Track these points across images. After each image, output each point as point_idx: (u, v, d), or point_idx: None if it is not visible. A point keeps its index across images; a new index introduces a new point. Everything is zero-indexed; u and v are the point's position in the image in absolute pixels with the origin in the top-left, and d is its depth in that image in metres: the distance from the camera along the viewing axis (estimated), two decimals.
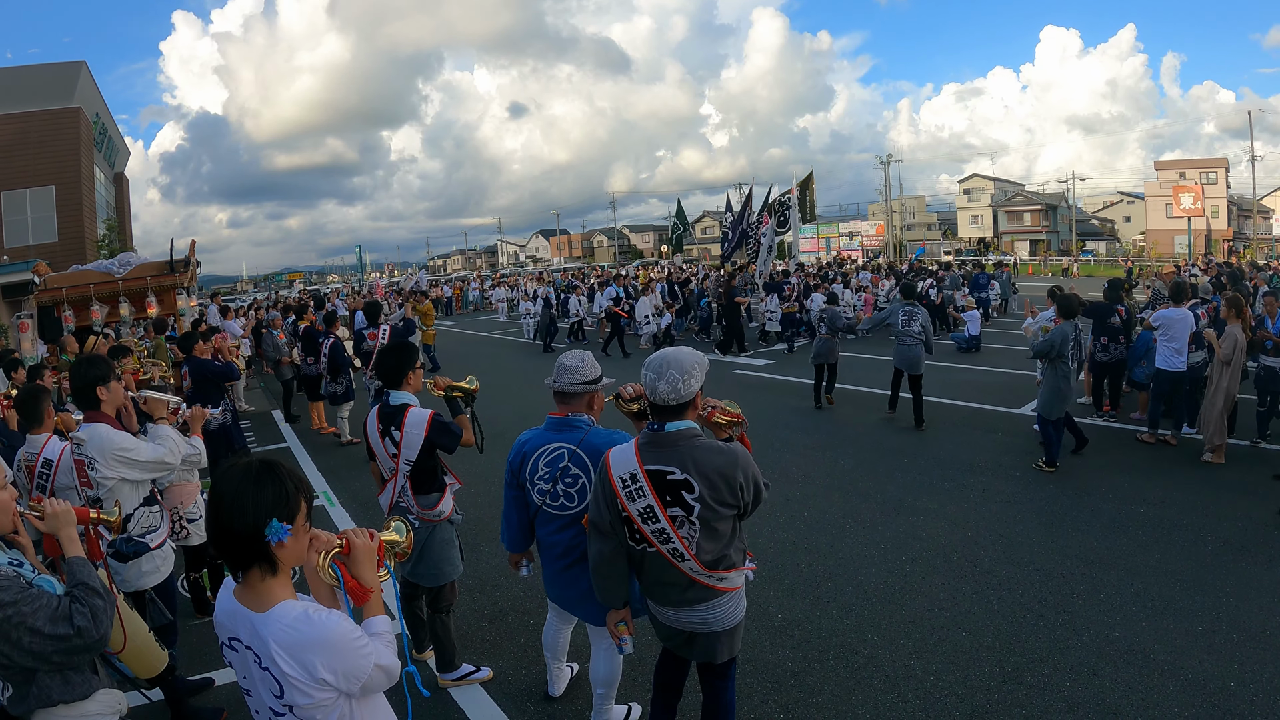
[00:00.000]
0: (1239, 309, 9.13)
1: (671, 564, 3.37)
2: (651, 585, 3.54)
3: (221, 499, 2.14)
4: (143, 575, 4.70)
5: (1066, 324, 9.22)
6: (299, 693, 2.13)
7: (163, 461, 4.76)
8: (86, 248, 29.52)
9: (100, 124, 36.03)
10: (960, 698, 4.73)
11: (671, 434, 3.34)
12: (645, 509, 3.33)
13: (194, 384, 9.10)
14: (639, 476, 3.32)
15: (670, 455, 3.31)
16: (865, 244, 72.82)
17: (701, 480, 3.26)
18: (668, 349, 3.39)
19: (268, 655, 2.14)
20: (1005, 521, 7.50)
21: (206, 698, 5.07)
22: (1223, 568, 6.33)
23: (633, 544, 3.47)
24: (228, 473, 2.18)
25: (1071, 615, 5.67)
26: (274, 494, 2.16)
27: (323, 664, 2.12)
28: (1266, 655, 5.04)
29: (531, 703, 4.89)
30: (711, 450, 3.32)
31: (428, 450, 4.81)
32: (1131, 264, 45.71)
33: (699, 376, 3.33)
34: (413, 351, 5.08)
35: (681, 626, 3.54)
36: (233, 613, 2.24)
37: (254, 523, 2.12)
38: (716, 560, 3.38)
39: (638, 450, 3.38)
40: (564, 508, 4.11)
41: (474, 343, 27.81)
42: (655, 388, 3.28)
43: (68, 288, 11.25)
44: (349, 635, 2.20)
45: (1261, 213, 63.16)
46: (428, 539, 4.91)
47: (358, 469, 10.24)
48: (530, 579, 6.59)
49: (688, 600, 3.44)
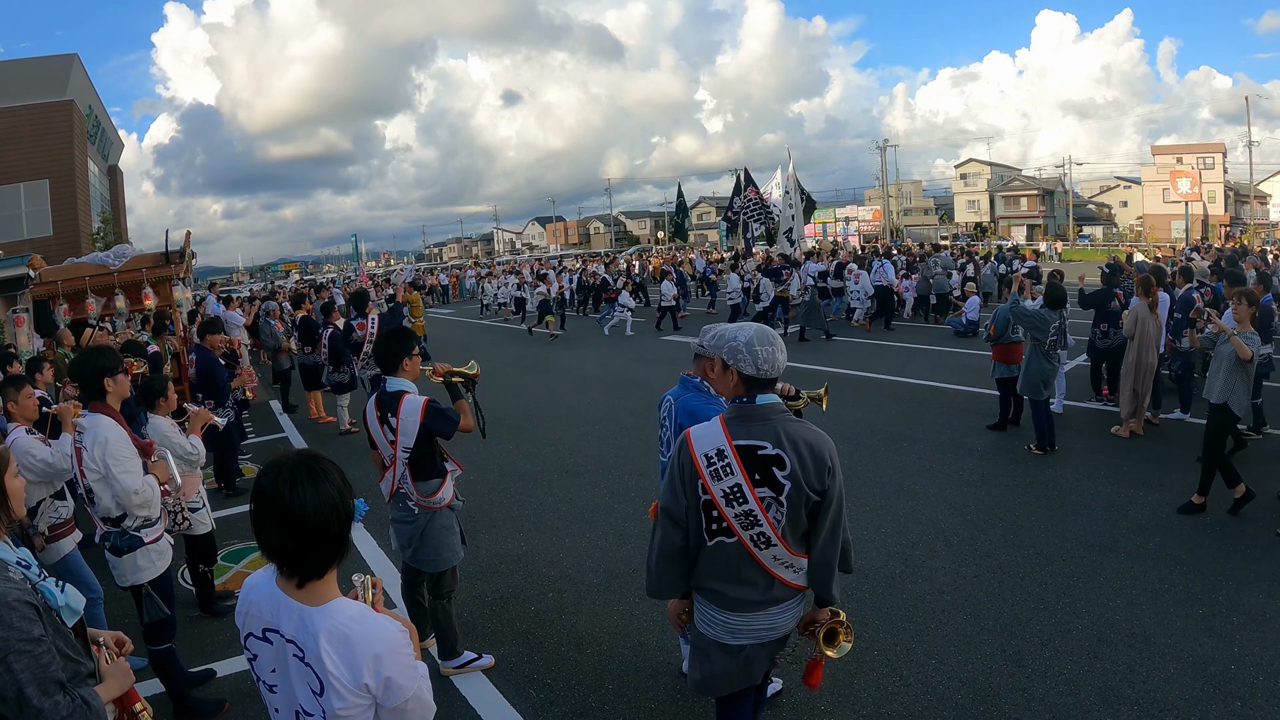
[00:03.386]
0: (1147, 288, 9.33)
1: (751, 555, 3.13)
2: (728, 584, 3.20)
3: (306, 510, 2.02)
4: (138, 570, 4.67)
5: (1050, 312, 9.27)
6: (336, 695, 2.05)
7: (129, 493, 4.61)
8: (81, 241, 29.44)
9: (93, 117, 35.96)
10: (962, 681, 4.74)
11: (764, 406, 3.14)
12: (732, 488, 3.08)
13: (198, 374, 9.07)
14: (727, 452, 3.09)
15: (764, 429, 3.10)
16: (861, 229, 72.79)
17: (794, 456, 3.04)
18: (747, 324, 3.23)
19: (314, 651, 2.05)
20: (1005, 505, 7.51)
21: (208, 689, 5.07)
22: (1222, 551, 6.34)
23: (707, 539, 3.19)
24: (286, 483, 2.03)
25: (1072, 598, 5.68)
26: (338, 482, 2.10)
27: (369, 667, 2.05)
28: (1266, 638, 5.05)
29: (534, 689, 4.89)
30: (804, 426, 3.15)
31: (425, 437, 4.80)
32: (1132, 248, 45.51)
33: None
34: (410, 337, 5.05)
35: (743, 640, 3.23)
36: (275, 604, 2.14)
37: (347, 510, 2.08)
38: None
39: (725, 425, 3.15)
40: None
41: (471, 330, 27.77)
42: (776, 359, 3.11)
43: (63, 281, 11.18)
44: (405, 647, 2.14)
45: (1259, 198, 63.08)
46: (428, 524, 4.91)
47: (355, 458, 10.22)
48: (532, 565, 6.64)
49: (764, 601, 3.19)
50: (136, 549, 4.66)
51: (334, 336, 12.01)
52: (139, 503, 4.63)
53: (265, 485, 2.05)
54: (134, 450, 4.68)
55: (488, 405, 5.29)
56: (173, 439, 5.71)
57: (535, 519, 7.78)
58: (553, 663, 5.19)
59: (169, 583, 4.86)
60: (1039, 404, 9.15)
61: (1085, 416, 10.69)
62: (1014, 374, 9.83)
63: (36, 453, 5.13)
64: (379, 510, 7.90)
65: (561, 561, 6.71)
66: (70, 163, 31.87)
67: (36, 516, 5.06)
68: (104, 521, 4.66)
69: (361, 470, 9.53)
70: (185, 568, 6.36)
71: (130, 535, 4.64)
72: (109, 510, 4.61)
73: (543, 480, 9.00)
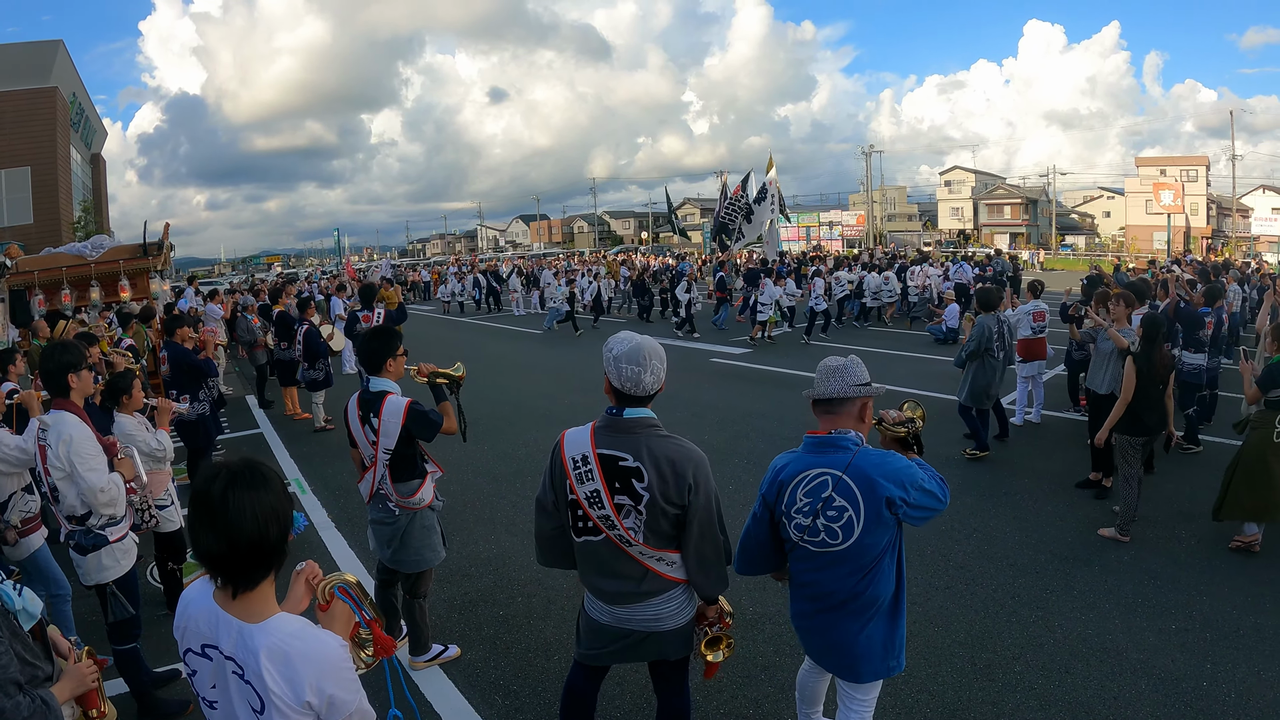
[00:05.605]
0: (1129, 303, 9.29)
1: (622, 550, 3.28)
2: (602, 579, 3.40)
3: (235, 513, 1.96)
4: (103, 569, 4.61)
5: (987, 317, 9.36)
6: (278, 713, 2.01)
7: (94, 491, 4.55)
8: (62, 229, 29.30)
9: (77, 104, 35.75)
10: (931, 694, 4.72)
11: (631, 420, 3.26)
12: (593, 493, 3.25)
13: (172, 370, 8.97)
14: (590, 459, 3.25)
15: (626, 441, 3.23)
16: (845, 234, 72.97)
17: (654, 471, 3.17)
18: (636, 336, 3.29)
19: (254, 668, 2.01)
20: (980, 515, 7.51)
21: (172, 690, 5.00)
22: (1197, 565, 6.35)
23: (576, 535, 3.40)
24: (227, 489, 1.99)
25: (1045, 611, 5.68)
26: (281, 488, 2.08)
27: (311, 684, 2.01)
28: (1240, 654, 5.05)
29: (499, 695, 4.85)
30: (670, 443, 3.25)
31: (406, 439, 4.76)
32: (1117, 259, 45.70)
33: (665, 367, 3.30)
34: (394, 337, 5.03)
35: (632, 626, 3.41)
36: (214, 619, 2.09)
37: (280, 526, 2.03)
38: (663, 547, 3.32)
39: (593, 433, 3.29)
40: (825, 544, 3.33)
41: (454, 328, 27.65)
42: (640, 379, 3.19)
43: (39, 271, 11.07)
44: (344, 661, 2.12)
45: (1241, 211, 63.47)
46: (408, 525, 4.88)
47: (331, 456, 10.17)
48: (502, 568, 6.59)
49: (642, 594, 3.34)
50: (101, 547, 4.60)
51: (309, 333, 11.93)
52: (105, 501, 4.56)
53: (204, 490, 2.01)
54: (99, 448, 4.61)
55: (465, 405, 5.24)
56: (137, 437, 5.63)
57: (507, 521, 7.71)
58: (520, 668, 5.15)
59: (134, 582, 4.80)
60: (968, 411, 9.43)
61: (1064, 427, 10.70)
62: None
63: (9, 441, 5.04)
64: (352, 511, 7.87)
65: (532, 565, 6.61)
66: (53, 150, 31.69)
67: (8, 510, 4.98)
68: (68, 520, 4.59)
69: (335, 468, 9.51)
70: (154, 565, 6.29)
71: (95, 534, 4.58)
72: (74, 508, 4.55)
73: (516, 482, 8.93)
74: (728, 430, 10.97)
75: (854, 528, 3.25)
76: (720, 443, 10.22)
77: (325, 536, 7.48)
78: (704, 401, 12.96)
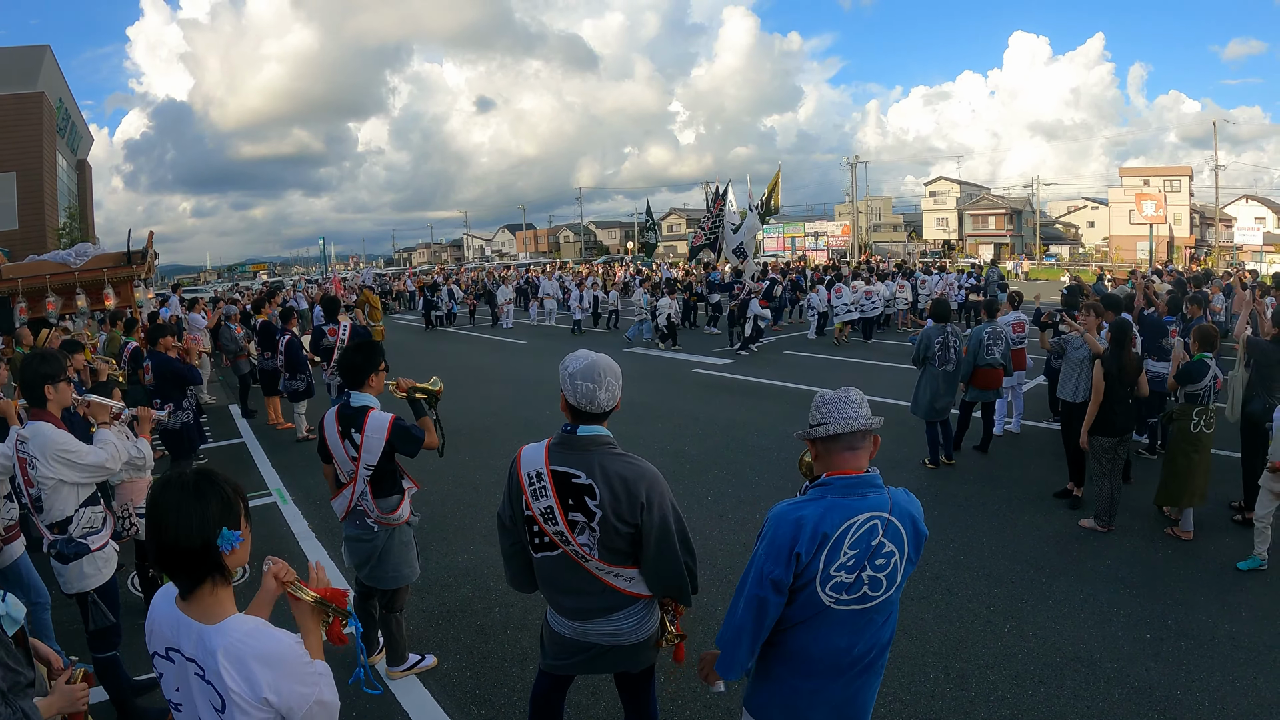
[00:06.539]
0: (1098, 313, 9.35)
1: (579, 565, 3.31)
2: (562, 594, 3.43)
3: (166, 517, 2.10)
4: (84, 577, 4.60)
5: (933, 328, 9.47)
6: (239, 710, 2.10)
7: (103, 466, 4.66)
8: (47, 235, 29.22)
9: (64, 109, 35.62)
10: (904, 704, 4.75)
11: (585, 438, 3.30)
12: (547, 509, 3.29)
13: (156, 380, 8.94)
14: (544, 475, 3.29)
15: (579, 458, 3.27)
16: (830, 244, 73.22)
17: (606, 489, 3.21)
18: (593, 354, 3.32)
19: (213, 668, 2.09)
20: (956, 525, 7.55)
21: (153, 698, 4.98)
22: (1172, 574, 6.41)
23: (534, 551, 3.44)
24: (166, 491, 2.14)
25: (1019, 621, 5.72)
26: (219, 503, 2.15)
27: (268, 682, 2.09)
28: (1214, 663, 5.11)
29: (475, 705, 4.87)
30: (624, 461, 3.28)
31: (388, 455, 4.78)
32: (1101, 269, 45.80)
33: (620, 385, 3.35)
34: (376, 351, 5.02)
35: (594, 639, 3.43)
36: (175, 623, 2.19)
37: (204, 537, 2.10)
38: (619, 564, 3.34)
39: (547, 450, 3.33)
40: (864, 599, 2.84)
41: (436, 338, 27.61)
42: (595, 396, 3.23)
43: (23, 278, 11.02)
44: (300, 657, 2.19)
45: (1224, 220, 63.90)
46: (387, 542, 4.89)
47: (313, 465, 10.09)
48: (480, 579, 6.60)
49: (602, 609, 3.37)
50: (83, 556, 4.59)
51: (291, 343, 11.93)
52: (118, 459, 4.76)
53: (156, 498, 2.14)
54: (73, 438, 4.63)
55: (446, 416, 5.27)
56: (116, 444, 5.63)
57: (486, 532, 7.69)
58: (496, 679, 5.16)
59: (114, 590, 4.80)
60: (927, 424, 9.54)
61: (1043, 436, 10.77)
62: (988, 398, 10.03)
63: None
64: (333, 521, 7.83)
65: None
66: (39, 156, 31.57)
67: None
68: (50, 528, 4.58)
69: (316, 478, 9.43)
70: (135, 574, 6.28)
71: (77, 542, 4.57)
72: (63, 512, 4.56)
73: (496, 492, 8.80)
74: (708, 441, 10.99)
75: (897, 575, 2.87)
76: (700, 453, 10.27)
77: (305, 546, 7.48)
78: (685, 412, 13.00)
